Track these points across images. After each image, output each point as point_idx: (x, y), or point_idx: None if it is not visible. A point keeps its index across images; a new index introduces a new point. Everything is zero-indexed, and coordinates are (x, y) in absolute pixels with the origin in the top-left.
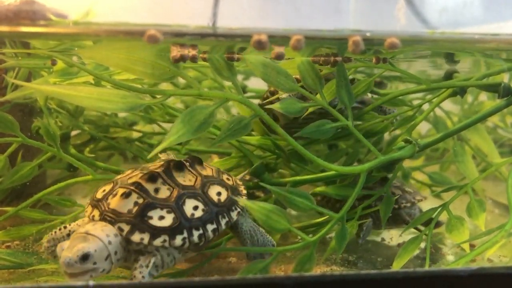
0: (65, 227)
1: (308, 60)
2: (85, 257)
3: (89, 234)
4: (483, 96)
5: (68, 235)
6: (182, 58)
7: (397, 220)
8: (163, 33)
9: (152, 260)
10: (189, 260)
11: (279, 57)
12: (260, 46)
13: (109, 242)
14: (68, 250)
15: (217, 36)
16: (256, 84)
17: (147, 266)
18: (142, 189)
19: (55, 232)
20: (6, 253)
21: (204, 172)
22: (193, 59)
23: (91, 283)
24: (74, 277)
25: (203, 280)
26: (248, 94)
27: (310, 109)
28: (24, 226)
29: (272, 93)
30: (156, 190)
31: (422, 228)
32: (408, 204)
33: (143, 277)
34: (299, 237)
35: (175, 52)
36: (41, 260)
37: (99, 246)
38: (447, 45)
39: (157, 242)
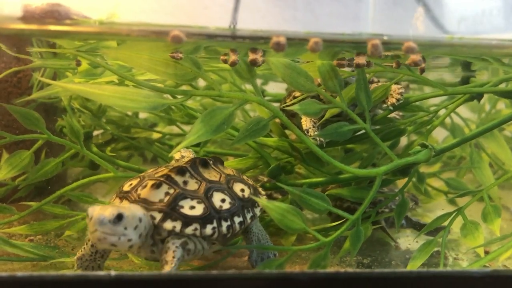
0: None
1: (330, 62)
2: (119, 217)
3: (121, 207)
4: (502, 105)
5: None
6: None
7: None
8: (187, 34)
9: (183, 239)
10: (206, 258)
11: (417, 64)
12: (278, 47)
13: (140, 219)
14: (103, 210)
15: (239, 37)
16: (275, 89)
17: (180, 245)
18: (172, 181)
19: (84, 248)
20: (29, 246)
21: (226, 171)
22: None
23: (113, 272)
24: (102, 239)
25: (220, 274)
26: (266, 98)
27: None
28: (46, 221)
29: (296, 98)
30: (185, 183)
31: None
32: (386, 210)
33: (175, 250)
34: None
35: (253, 56)
36: (62, 253)
37: (132, 212)
38: (465, 50)
39: (189, 230)
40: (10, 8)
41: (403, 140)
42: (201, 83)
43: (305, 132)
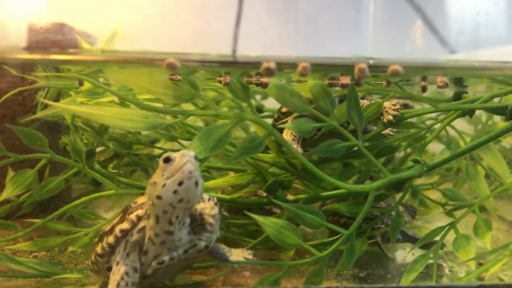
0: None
1: (321, 82)
2: (196, 158)
3: None
4: (498, 116)
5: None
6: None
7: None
8: (181, 61)
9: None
10: (205, 273)
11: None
12: (268, 72)
13: None
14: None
15: (233, 63)
16: (273, 104)
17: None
18: None
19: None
20: (33, 262)
21: None
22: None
23: None
24: (193, 170)
25: None
26: (265, 113)
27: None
28: (50, 237)
29: (284, 114)
30: None
31: None
32: (382, 226)
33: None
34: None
35: (265, 80)
36: (65, 269)
37: None
38: (458, 72)
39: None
40: (16, 36)
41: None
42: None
43: None
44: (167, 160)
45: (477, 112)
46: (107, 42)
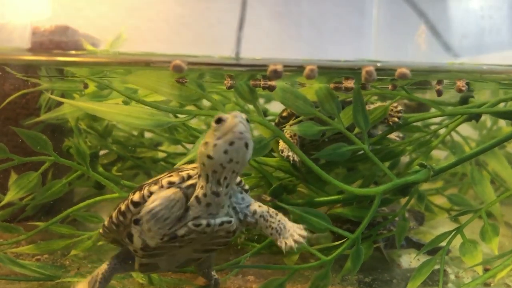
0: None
1: (327, 86)
2: (247, 120)
3: None
4: (503, 121)
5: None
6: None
7: None
8: (190, 64)
9: None
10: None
11: (461, 90)
12: (276, 75)
13: None
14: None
15: (240, 66)
16: (277, 108)
17: None
18: None
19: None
20: (36, 266)
21: None
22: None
23: None
24: (244, 132)
25: None
26: (269, 117)
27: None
28: (53, 240)
29: (284, 118)
30: None
31: None
32: (385, 232)
33: None
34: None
35: (272, 82)
36: (68, 273)
37: None
38: (463, 75)
39: None
40: (20, 39)
41: (405, 157)
42: (206, 102)
43: (280, 152)
44: (219, 121)
45: (482, 117)
46: (111, 45)
